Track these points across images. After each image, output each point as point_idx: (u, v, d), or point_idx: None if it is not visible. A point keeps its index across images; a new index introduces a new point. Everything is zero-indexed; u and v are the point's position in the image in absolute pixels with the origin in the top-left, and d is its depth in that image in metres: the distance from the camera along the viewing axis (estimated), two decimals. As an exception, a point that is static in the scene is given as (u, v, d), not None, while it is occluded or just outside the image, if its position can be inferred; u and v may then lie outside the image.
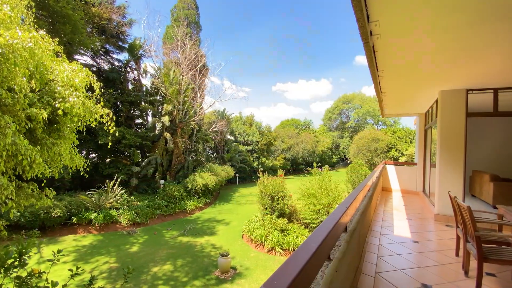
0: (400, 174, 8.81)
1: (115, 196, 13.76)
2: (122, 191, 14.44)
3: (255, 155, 30.97)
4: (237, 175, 26.65)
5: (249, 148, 31.07)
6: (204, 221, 14.36)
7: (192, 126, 20.40)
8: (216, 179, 18.52)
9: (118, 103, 17.88)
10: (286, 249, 9.94)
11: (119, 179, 14.51)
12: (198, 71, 20.23)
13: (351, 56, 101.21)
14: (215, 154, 27.37)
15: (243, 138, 31.85)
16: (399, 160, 23.86)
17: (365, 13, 2.55)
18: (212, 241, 11.28)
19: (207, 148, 26.88)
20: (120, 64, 18.93)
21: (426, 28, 2.86)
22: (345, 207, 1.57)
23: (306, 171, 34.98)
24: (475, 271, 2.62)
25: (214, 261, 9.21)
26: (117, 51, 18.79)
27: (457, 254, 3.54)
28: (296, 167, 40.08)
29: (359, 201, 2.61)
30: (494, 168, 8.13)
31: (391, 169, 8.98)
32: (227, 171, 21.92)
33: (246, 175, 28.54)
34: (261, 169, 25.45)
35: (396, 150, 26.38)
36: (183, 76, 18.22)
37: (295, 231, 11.17)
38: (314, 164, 15.85)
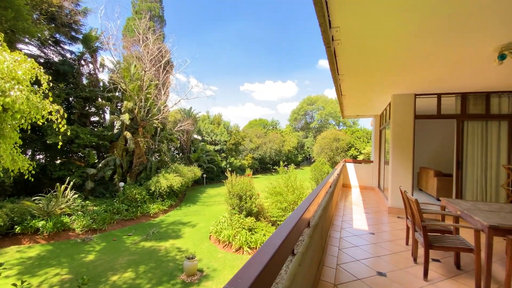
0: (358, 171, 9.48)
1: (67, 201, 12.50)
2: (76, 196, 13.18)
3: (223, 154, 30.67)
4: (205, 175, 26.11)
5: (217, 147, 30.67)
6: (169, 224, 13.80)
7: (155, 125, 19.42)
8: (182, 180, 17.92)
9: (71, 98, 16.26)
10: (253, 247, 10.03)
11: (71, 183, 13.21)
12: (162, 67, 19.35)
13: (315, 59, 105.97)
14: (181, 154, 26.43)
15: (211, 138, 31.33)
16: (357, 158, 25.64)
17: (327, 19, 2.69)
18: (177, 245, 10.89)
19: (172, 148, 25.85)
20: (73, 56, 17.21)
21: (380, 37, 3.11)
22: (308, 203, 1.64)
23: (273, 170, 35.68)
24: (422, 257, 2.93)
25: (180, 264, 8.91)
26: (69, 42, 17.05)
27: (407, 243, 3.93)
28: (264, 166, 40.66)
29: (321, 197, 2.74)
30: (437, 165, 9.17)
31: (350, 167, 9.61)
32: (194, 171, 21.36)
33: (214, 176, 28.11)
34: (229, 169, 25.31)
35: (355, 149, 28.30)
36: (145, 71, 17.26)
37: (262, 229, 11.33)
38: (281, 163, 16.27)
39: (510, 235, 2.44)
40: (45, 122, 5.29)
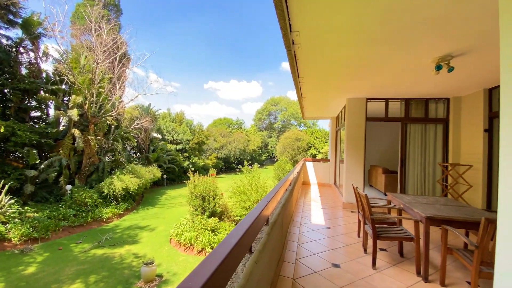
0: (317, 170, 9.99)
1: (0, 208, 10.84)
2: (12, 201, 11.50)
3: (185, 154, 29.61)
4: (165, 176, 24.92)
5: (179, 147, 29.52)
6: (124, 229, 12.87)
7: (109, 122, 17.90)
8: (139, 181, 16.84)
9: (6, 90, 14.11)
10: (216, 248, 9.89)
11: (6, 186, 11.48)
12: (118, 59, 17.92)
13: (278, 61, 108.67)
14: (138, 154, 24.82)
15: (172, 137, 30.03)
16: (316, 157, 27.04)
17: (287, 23, 2.76)
18: (134, 250, 10.22)
19: (129, 148, 24.12)
20: (10, 42, 14.92)
21: (337, 44, 3.30)
22: (266, 201, 1.66)
23: (238, 170, 35.64)
24: (372, 248, 3.19)
25: (137, 271, 8.37)
26: (6, 26, 14.73)
27: (358, 235, 4.25)
28: (228, 165, 40.39)
29: (280, 195, 2.81)
30: (385, 163, 10.11)
31: (309, 166, 10.08)
32: (153, 172, 20.25)
33: (175, 176, 27.00)
34: (192, 169, 24.58)
35: (314, 148, 29.82)
36: (97, 63, 15.80)
37: (226, 229, 11.24)
38: (245, 162, 16.33)
39: (444, 224, 2.79)
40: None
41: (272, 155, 51.60)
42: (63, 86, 16.23)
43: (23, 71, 15.64)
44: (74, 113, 14.77)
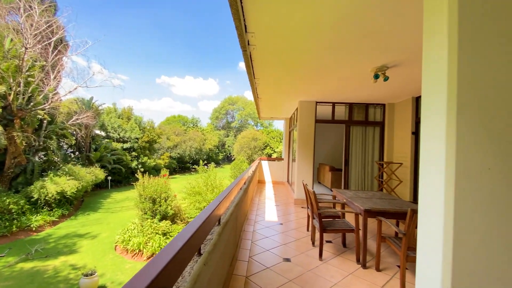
0: (272, 168, 10.32)
1: None
2: None
3: (134, 153, 27.46)
4: (110, 178, 22.74)
5: (127, 145, 27.24)
6: (59, 238, 11.36)
7: (40, 116, 15.55)
8: (77, 184, 15.04)
9: None
10: (168, 252, 9.43)
11: None
12: (53, 45, 15.69)
13: (236, 60, 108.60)
14: (77, 153, 22.12)
15: (118, 134, 27.55)
16: (272, 157, 27.92)
17: (243, 23, 2.77)
18: (71, 261, 9.10)
19: (65, 146, 21.33)
20: None
21: (290, 48, 3.44)
22: (218, 201, 1.65)
23: (193, 170, 34.54)
24: (319, 241, 3.42)
25: (75, 284, 7.48)
26: None
27: (307, 229, 4.52)
28: (183, 165, 38.84)
29: (234, 194, 2.82)
30: (332, 161, 10.95)
31: (265, 164, 10.36)
32: (95, 173, 18.32)
33: (121, 178, 24.83)
34: (142, 169, 22.93)
35: (270, 148, 30.76)
36: (26, 48, 13.58)
37: (178, 232, 10.80)
38: (201, 162, 15.94)
39: (379, 216, 3.15)
40: None
41: (229, 155, 51.40)
42: (-22, 72, 13.50)
43: None
44: (-8, 104, 12.41)
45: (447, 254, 1.14)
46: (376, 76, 4.05)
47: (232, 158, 36.24)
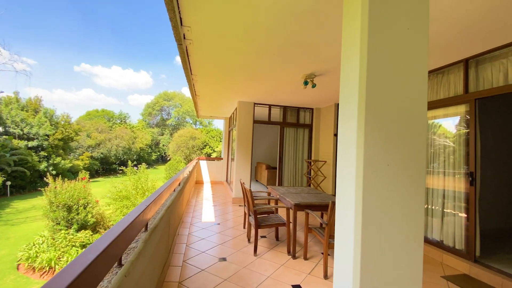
0: (210, 168, 10.16)
1: None
2: None
3: (43, 153, 22.86)
4: (8, 183, 18.41)
5: (33, 143, 22.50)
6: None
7: None
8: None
9: None
10: (88, 266, 8.20)
11: None
12: None
13: (172, 54, 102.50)
14: (-44, 152, 17.10)
15: (22, 130, 22.54)
16: (211, 156, 27.51)
17: (178, 15, 2.64)
18: None
19: None
20: None
21: (227, 48, 3.45)
22: (145, 205, 1.52)
23: (120, 171, 30.99)
24: (254, 237, 3.54)
25: None
26: None
27: (244, 227, 4.62)
28: (107, 167, 34.41)
29: (166, 196, 2.66)
30: (268, 160, 11.48)
31: (203, 164, 10.12)
32: (-15, 178, 14.54)
33: (25, 183, 20.37)
34: (54, 172, 19.35)
35: (209, 147, 30.22)
36: None
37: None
38: (129, 162, 14.42)
39: (307, 209, 3.45)
40: None
41: (164, 154, 48.12)
42: None
43: None
44: None
45: (357, 235, 1.34)
46: (306, 83, 4.44)
47: (168, 158, 34.09)
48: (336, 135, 6.73)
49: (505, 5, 2.28)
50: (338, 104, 6.75)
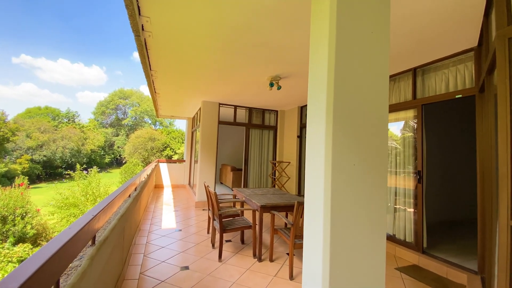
0: (171, 171, 9.65)
1: None
2: None
3: (-35, 156, 19.41)
4: None
5: (-49, 145, 18.93)
6: None
7: None
8: None
9: None
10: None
11: None
12: None
13: (130, 49, 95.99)
14: None
15: None
16: (172, 158, 26.31)
17: (135, 2, 2.40)
18: None
19: None
20: None
21: (190, 44, 3.27)
22: (91, 215, 1.29)
23: (67, 176, 27.81)
24: (219, 241, 3.39)
25: None
26: None
27: (208, 232, 4.44)
28: (52, 171, 30.61)
29: (118, 204, 2.39)
30: (233, 162, 11.35)
31: (164, 167, 9.57)
32: None
33: None
34: (-20, 178, 16.48)
35: (170, 149, 28.86)
36: None
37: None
38: (78, 166, 12.98)
39: (272, 210, 3.43)
40: None
41: (119, 157, 44.54)
42: None
43: None
44: None
45: (326, 234, 1.32)
46: (271, 85, 4.46)
47: (123, 161, 31.64)
48: (299, 136, 6.92)
49: (447, 19, 2.54)
50: (301, 107, 6.94)
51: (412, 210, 3.77)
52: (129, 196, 3.07)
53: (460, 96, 3.25)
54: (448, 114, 5.41)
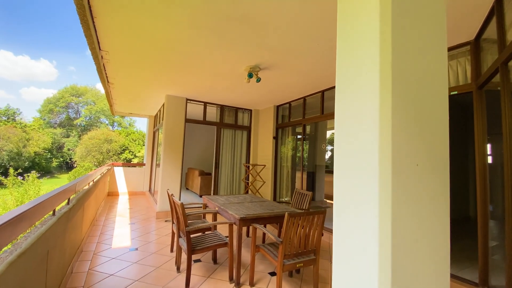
0: (129, 176, 8.44)
1: None
2: None
3: None
4: None
5: None
6: None
7: None
8: None
9: None
10: None
11: None
12: None
13: (84, 44, 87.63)
14: None
15: None
16: (132, 162, 24.13)
17: None
18: None
19: None
20: None
21: (151, 15, 2.56)
22: None
23: None
24: (186, 263, 2.67)
25: None
26: None
27: (172, 250, 3.65)
28: (-21, 177, 25.89)
29: (40, 218, 1.58)
30: (202, 165, 10.47)
31: (119, 171, 8.32)
32: None
33: None
34: None
35: (129, 152, 26.46)
36: None
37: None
38: (11, 171, 10.84)
39: (254, 223, 2.82)
40: None
41: (70, 160, 39.74)
42: None
43: None
44: None
45: (386, 249, 0.81)
46: (250, 75, 3.88)
47: (75, 166, 28.16)
48: (275, 138, 6.44)
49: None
50: (278, 106, 6.49)
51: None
52: (54, 213, 2.19)
53: (456, 93, 3.04)
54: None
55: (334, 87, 4.70)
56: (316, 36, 2.88)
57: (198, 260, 3.37)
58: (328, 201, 8.02)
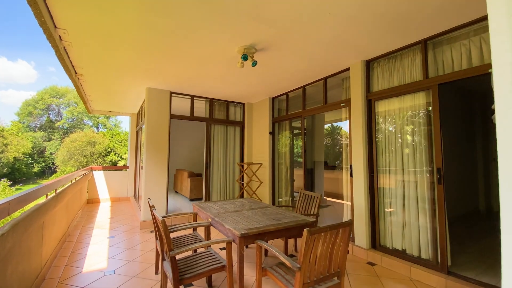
0: (111, 180, 7.64)
1: None
2: None
3: None
4: None
5: None
6: None
7: None
8: None
9: None
10: None
11: None
12: None
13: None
14: None
15: None
16: (118, 165, 23.01)
17: None
18: None
19: None
20: None
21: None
22: None
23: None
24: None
25: None
26: None
27: (156, 272, 3.01)
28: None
29: None
30: (191, 166, 9.77)
31: (100, 175, 7.52)
32: None
33: None
34: None
35: (115, 154, 25.23)
36: None
37: None
38: (-21, 179, 9.82)
39: (259, 240, 2.22)
40: None
41: (52, 165, 37.82)
42: None
43: None
44: None
45: None
46: (245, 57, 3.26)
47: (56, 170, 26.65)
48: (272, 133, 5.84)
49: None
50: (273, 98, 5.90)
51: (427, 217, 2.97)
52: (24, 220, 1.51)
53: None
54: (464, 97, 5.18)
55: (338, 73, 4.15)
56: (329, 2, 2.29)
57: (189, 285, 2.75)
58: (328, 199, 7.53)
